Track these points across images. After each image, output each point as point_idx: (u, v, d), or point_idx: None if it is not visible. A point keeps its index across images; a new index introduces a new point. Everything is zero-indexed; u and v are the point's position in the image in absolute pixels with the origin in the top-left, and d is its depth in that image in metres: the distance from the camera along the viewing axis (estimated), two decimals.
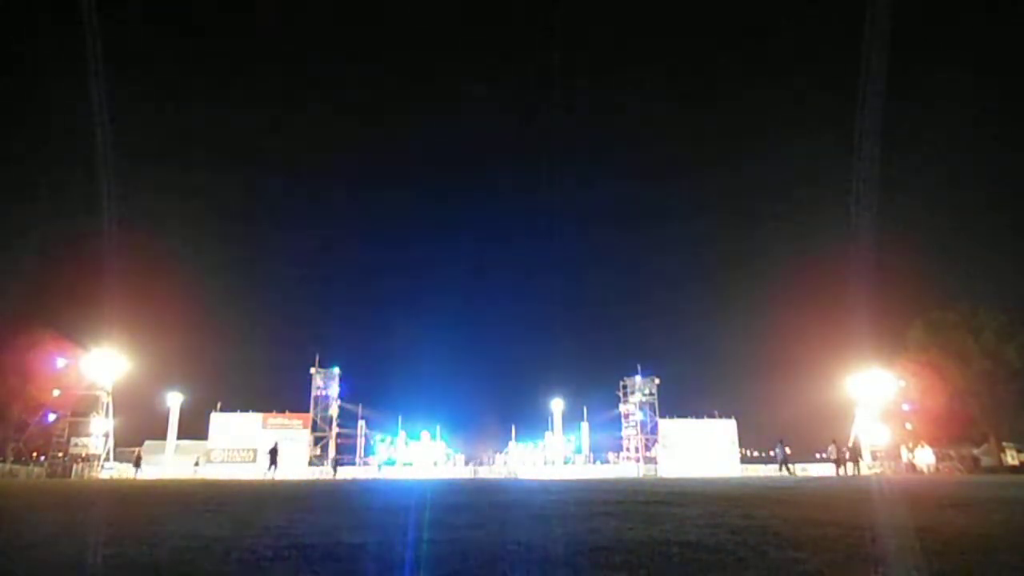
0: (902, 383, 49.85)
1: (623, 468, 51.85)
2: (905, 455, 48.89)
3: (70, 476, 41.03)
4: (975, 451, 48.08)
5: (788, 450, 40.26)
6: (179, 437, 49.60)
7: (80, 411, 44.99)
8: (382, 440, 54.16)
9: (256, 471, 45.49)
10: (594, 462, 54.77)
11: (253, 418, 49.91)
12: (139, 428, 51.71)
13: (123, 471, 44.28)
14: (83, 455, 43.85)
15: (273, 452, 37.12)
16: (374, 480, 35.01)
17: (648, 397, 53.51)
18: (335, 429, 52.34)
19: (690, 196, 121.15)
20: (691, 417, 53.74)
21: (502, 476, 48.14)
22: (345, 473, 47.97)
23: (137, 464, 41.10)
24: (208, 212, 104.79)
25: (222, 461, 47.40)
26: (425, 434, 55.23)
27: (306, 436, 50.20)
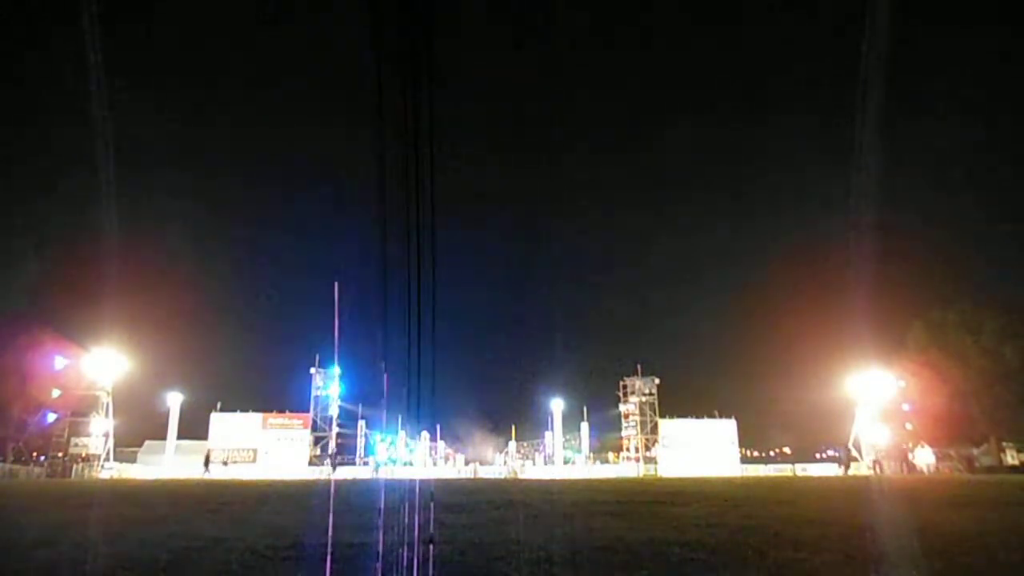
0: (902, 383, 49.77)
1: (623, 468, 51.79)
2: (905, 455, 48.97)
3: (70, 476, 40.94)
4: (975, 451, 48.03)
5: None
6: (179, 437, 49.49)
7: (80, 411, 44.85)
8: (382, 439, 54.15)
9: (256, 471, 45.48)
10: (594, 462, 54.73)
11: (253, 418, 49.84)
12: (139, 428, 51.49)
13: (123, 471, 44.21)
14: (83, 455, 43.73)
15: (333, 456, 45.31)
16: (374, 480, 35.02)
17: (648, 397, 53.41)
18: (335, 429, 52.37)
19: (690, 196, 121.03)
20: (691, 417, 53.69)
21: (502, 476, 48.14)
22: (345, 473, 48.00)
23: (207, 464, 41.08)
24: (208, 212, 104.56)
25: (222, 461, 47.39)
26: (425, 434, 55.24)
27: (306, 436, 50.20)
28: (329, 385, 52.00)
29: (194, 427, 50.23)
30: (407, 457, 54.48)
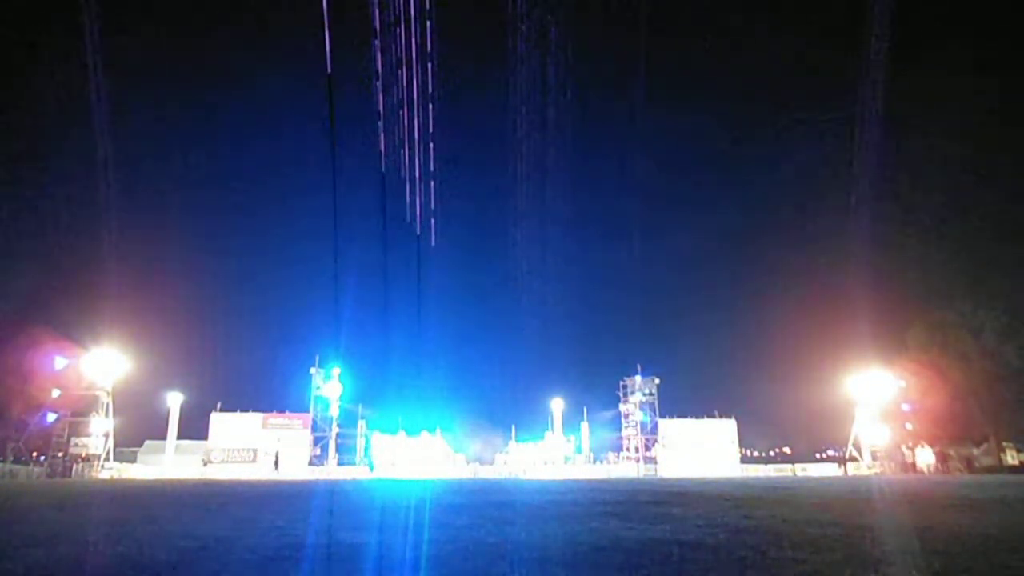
0: (902, 383, 49.85)
1: (623, 468, 51.84)
2: (905, 455, 49.02)
3: (70, 476, 40.97)
4: (975, 451, 48.10)
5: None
6: (179, 437, 49.55)
7: (80, 411, 44.91)
8: (374, 432, 54.08)
9: (256, 472, 45.53)
10: (594, 462, 54.78)
11: (253, 418, 49.92)
12: (139, 428, 51.60)
13: (123, 471, 44.22)
14: (83, 455, 43.78)
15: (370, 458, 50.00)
16: (375, 480, 35.04)
17: (648, 397, 53.48)
18: (335, 429, 52.39)
19: (691, 197, 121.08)
20: (691, 417, 53.75)
21: (503, 476, 48.14)
22: (344, 473, 47.99)
23: (276, 463, 41.24)
24: (208, 213, 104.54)
25: (222, 461, 47.41)
26: (425, 434, 55.26)
27: (306, 436, 50.22)
28: (329, 381, 52.01)
29: (194, 427, 50.26)
30: (407, 457, 54.47)
